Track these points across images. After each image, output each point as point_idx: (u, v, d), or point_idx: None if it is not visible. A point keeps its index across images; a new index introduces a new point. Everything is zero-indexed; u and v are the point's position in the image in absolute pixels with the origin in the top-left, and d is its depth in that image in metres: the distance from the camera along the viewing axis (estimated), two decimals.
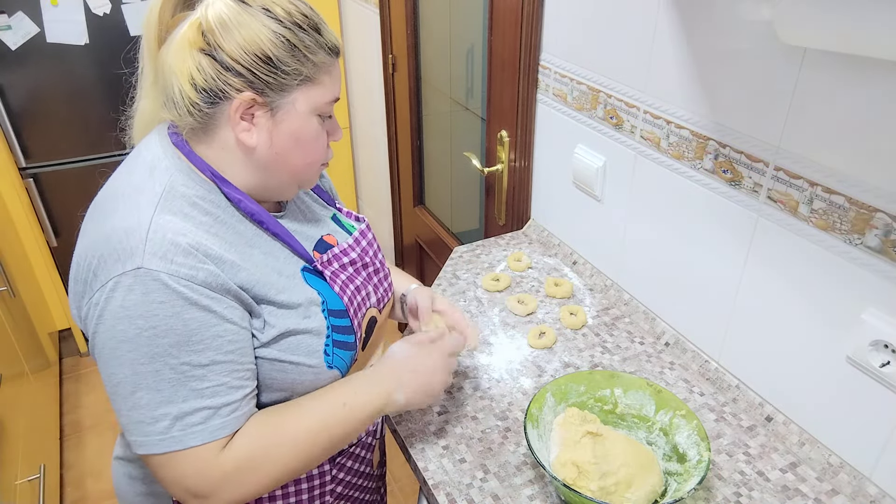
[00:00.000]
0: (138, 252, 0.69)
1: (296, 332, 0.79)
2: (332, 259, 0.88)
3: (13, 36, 2.14)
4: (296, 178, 0.83)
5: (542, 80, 1.37)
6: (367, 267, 0.93)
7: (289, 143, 0.78)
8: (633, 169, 1.18)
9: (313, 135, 0.80)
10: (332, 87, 0.80)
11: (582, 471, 0.85)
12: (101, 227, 0.73)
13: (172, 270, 0.69)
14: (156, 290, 0.68)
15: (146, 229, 0.70)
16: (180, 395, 0.71)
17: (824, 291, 0.88)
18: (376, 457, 1.06)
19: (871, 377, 0.84)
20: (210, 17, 0.72)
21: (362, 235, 0.95)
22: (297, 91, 0.76)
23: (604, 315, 1.26)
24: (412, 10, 1.98)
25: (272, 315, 0.78)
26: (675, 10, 0.99)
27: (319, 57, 0.76)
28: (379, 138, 2.51)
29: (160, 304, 0.69)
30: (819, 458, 0.92)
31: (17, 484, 1.61)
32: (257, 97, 0.74)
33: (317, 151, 0.82)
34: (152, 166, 0.77)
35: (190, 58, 0.73)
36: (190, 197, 0.75)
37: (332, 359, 0.83)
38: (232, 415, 0.74)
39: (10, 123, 2.24)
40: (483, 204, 1.80)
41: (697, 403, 1.05)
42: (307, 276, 0.83)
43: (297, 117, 0.77)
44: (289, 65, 0.74)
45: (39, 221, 2.42)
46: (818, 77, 0.81)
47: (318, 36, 0.76)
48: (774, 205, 0.92)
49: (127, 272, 0.68)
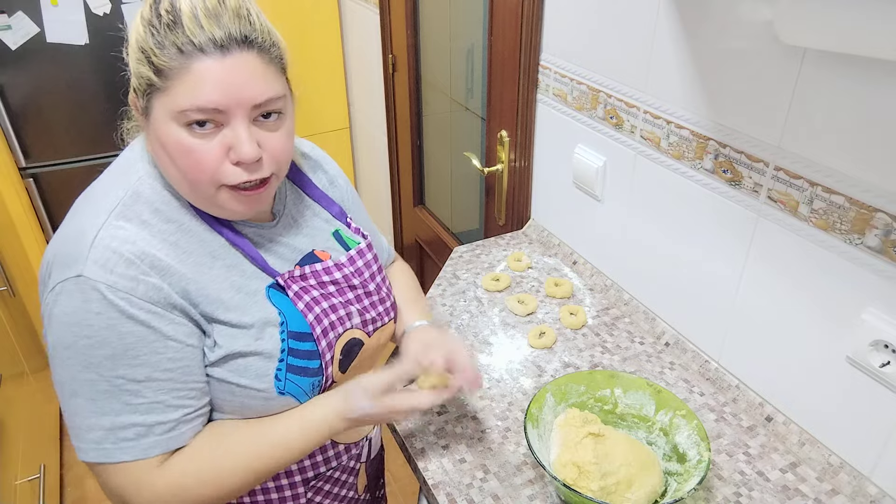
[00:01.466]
0: (81, 259, 0.68)
1: (244, 354, 0.75)
2: (309, 275, 0.82)
3: (13, 36, 2.14)
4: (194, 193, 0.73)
5: (542, 80, 1.37)
6: (356, 288, 0.88)
7: (160, 153, 0.72)
8: (633, 169, 1.18)
9: (177, 147, 0.69)
10: (187, 92, 0.66)
11: (583, 471, 0.85)
12: (64, 227, 0.74)
13: (111, 281, 0.67)
14: (93, 299, 0.67)
15: (93, 236, 0.69)
16: (114, 408, 0.70)
17: (824, 291, 0.88)
18: (362, 481, 1.01)
19: (871, 377, 0.83)
20: None
21: (359, 255, 0.90)
22: (153, 96, 0.69)
23: (604, 315, 1.26)
24: (412, 10, 1.98)
25: (220, 334, 0.75)
26: (675, 10, 0.99)
27: (162, 58, 0.66)
28: (379, 138, 2.51)
29: (96, 315, 0.67)
30: (819, 458, 0.92)
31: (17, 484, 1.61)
32: (136, 100, 0.72)
33: (192, 168, 0.69)
34: (125, 169, 0.76)
35: None
36: (154, 203, 0.73)
37: (283, 384, 0.78)
38: (166, 434, 0.72)
39: (10, 123, 2.24)
40: (483, 204, 1.80)
41: (697, 403, 1.05)
42: (272, 294, 0.79)
43: (156, 124, 0.70)
44: (136, 67, 0.69)
45: (39, 221, 2.42)
46: (818, 77, 0.81)
47: (169, 34, 0.65)
48: (774, 205, 0.92)
49: (69, 278, 0.67)
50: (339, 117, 2.81)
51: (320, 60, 2.62)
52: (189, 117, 0.67)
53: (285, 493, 0.89)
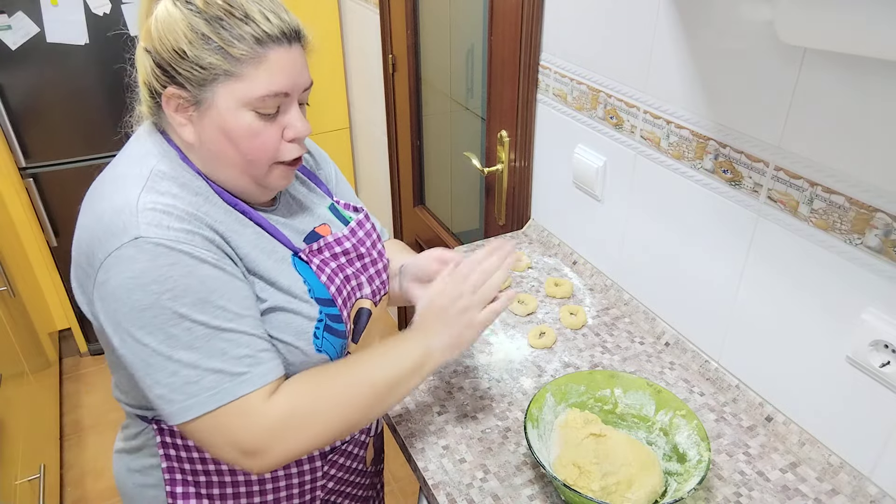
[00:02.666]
0: (132, 224, 0.69)
1: (285, 310, 0.79)
2: (323, 248, 0.87)
3: (13, 36, 2.14)
4: (245, 175, 0.79)
5: (542, 80, 1.37)
6: (363, 258, 0.92)
7: (217, 139, 0.76)
8: (633, 169, 1.18)
9: (246, 131, 0.75)
10: (264, 79, 0.73)
11: (583, 471, 0.85)
12: (92, 213, 0.74)
13: (171, 236, 0.70)
14: (161, 254, 0.69)
15: (135, 204, 0.71)
16: (219, 347, 0.71)
17: (824, 291, 0.88)
18: (370, 454, 1.06)
19: (871, 377, 0.84)
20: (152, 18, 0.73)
21: (359, 225, 0.94)
22: (219, 86, 0.73)
23: (604, 315, 1.26)
24: (412, 10, 1.98)
25: (263, 290, 0.78)
26: (675, 10, 0.99)
27: (239, 49, 0.72)
28: (379, 138, 2.51)
29: (171, 266, 0.69)
30: (819, 458, 0.92)
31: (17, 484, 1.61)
32: (181, 92, 0.73)
33: (256, 149, 0.77)
34: (139, 154, 0.78)
35: (140, 55, 0.75)
36: (177, 178, 0.76)
37: (321, 342, 0.82)
38: (273, 361, 0.75)
39: (10, 123, 2.24)
40: (483, 204, 1.80)
41: (697, 403, 1.05)
42: (296, 263, 0.83)
43: (221, 112, 0.74)
44: (203, 59, 0.71)
45: (39, 221, 2.43)
46: (818, 77, 0.81)
47: (243, 25, 0.72)
48: (774, 205, 0.92)
49: (125, 244, 0.68)
50: (339, 117, 2.82)
51: (320, 60, 2.62)
52: (264, 102, 0.74)
53: (304, 466, 0.91)
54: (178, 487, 0.88)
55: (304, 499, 0.95)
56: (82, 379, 2.63)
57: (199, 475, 0.88)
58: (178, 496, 0.88)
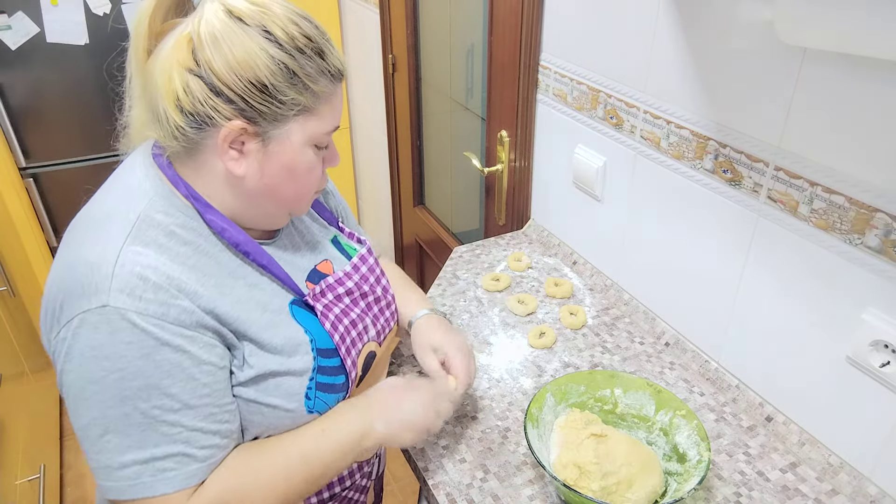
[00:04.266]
0: (103, 288, 0.64)
1: (276, 374, 0.74)
2: (326, 290, 0.82)
3: (13, 36, 2.14)
4: (286, 207, 0.77)
5: (542, 80, 1.37)
6: (366, 296, 0.88)
7: (280, 175, 0.73)
8: (633, 169, 1.18)
9: (308, 167, 0.74)
10: (332, 116, 0.73)
11: (583, 471, 0.85)
12: (69, 255, 0.68)
13: (141, 308, 0.64)
14: (123, 329, 0.63)
15: (112, 263, 0.65)
16: (151, 439, 0.66)
17: (824, 291, 0.88)
18: (370, 498, 1.03)
19: (871, 377, 0.83)
20: (202, 33, 0.65)
21: (362, 261, 0.89)
22: (292, 122, 0.70)
23: (604, 315, 1.26)
24: (412, 10, 1.98)
25: (252, 354, 0.73)
26: (675, 9, 0.99)
27: (321, 85, 0.70)
28: (379, 138, 2.51)
29: (128, 345, 0.64)
30: (819, 458, 0.92)
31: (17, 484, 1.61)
32: (248, 126, 0.68)
33: (311, 183, 0.76)
34: (131, 190, 0.72)
35: (177, 77, 0.66)
36: (167, 226, 0.70)
37: (313, 403, 0.77)
38: (208, 460, 0.70)
39: (10, 123, 2.24)
40: (483, 204, 1.80)
41: (697, 403, 1.05)
42: (295, 311, 0.78)
43: (290, 149, 0.71)
44: (286, 94, 0.68)
45: (39, 221, 2.43)
46: (818, 77, 0.81)
47: (322, 61, 0.70)
48: (774, 205, 0.92)
49: (92, 309, 0.63)
50: None
51: None
52: (327, 138, 0.74)
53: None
54: None
55: None
56: None
57: None
58: None
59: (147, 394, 0.65)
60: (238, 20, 0.66)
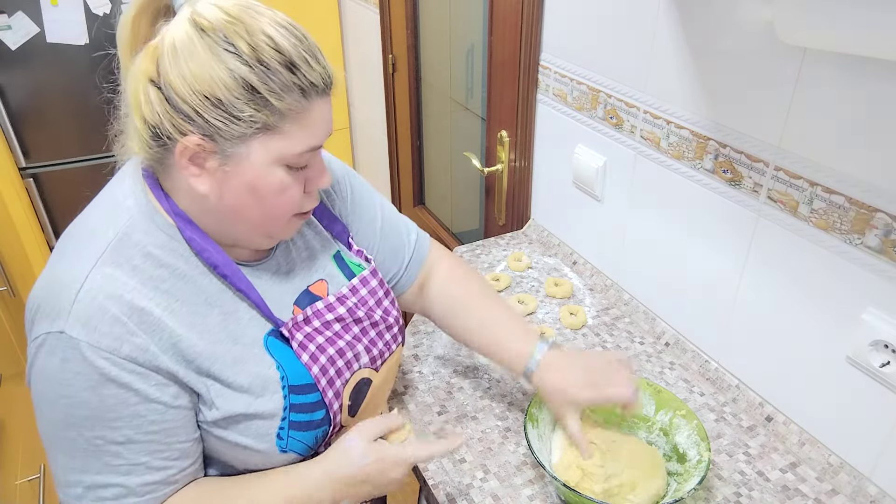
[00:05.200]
0: (64, 313, 0.63)
1: (245, 416, 0.71)
2: (312, 317, 0.77)
3: (13, 36, 2.14)
4: (258, 230, 0.72)
5: (542, 80, 1.37)
6: (360, 322, 0.82)
7: (243, 196, 0.68)
8: (633, 169, 1.18)
9: (276, 188, 0.68)
10: (304, 135, 0.67)
11: (587, 474, 0.84)
12: (50, 271, 0.68)
13: (94, 341, 0.63)
14: (73, 359, 0.63)
15: (78, 288, 0.64)
16: (93, 466, 0.67)
17: (824, 291, 0.88)
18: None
19: (871, 377, 0.83)
20: (165, 43, 0.63)
21: (362, 283, 0.84)
22: (253, 140, 0.65)
23: (604, 315, 1.26)
24: (412, 10, 1.98)
25: (218, 395, 0.70)
26: (675, 10, 0.99)
27: (286, 102, 0.64)
28: (379, 138, 2.51)
29: (76, 375, 0.64)
30: (819, 458, 0.92)
31: (17, 484, 1.61)
32: (204, 143, 0.64)
33: (283, 204, 0.70)
34: (115, 205, 0.71)
35: (141, 88, 0.64)
36: (144, 246, 0.68)
37: (285, 442, 0.74)
38: (149, 495, 0.69)
39: (10, 123, 2.24)
40: (483, 204, 1.80)
41: (697, 403, 1.05)
42: (271, 344, 0.74)
43: (251, 169, 0.66)
44: (243, 111, 0.63)
45: (39, 221, 2.43)
46: (818, 77, 0.81)
47: (290, 75, 0.64)
48: (774, 205, 0.92)
49: (52, 332, 0.64)
50: (339, 117, 2.81)
51: None
52: (301, 158, 0.68)
53: None
54: None
55: None
56: None
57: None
58: None
59: (91, 423, 0.65)
60: (200, 31, 0.62)
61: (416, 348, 1.17)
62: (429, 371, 1.12)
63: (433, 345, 1.18)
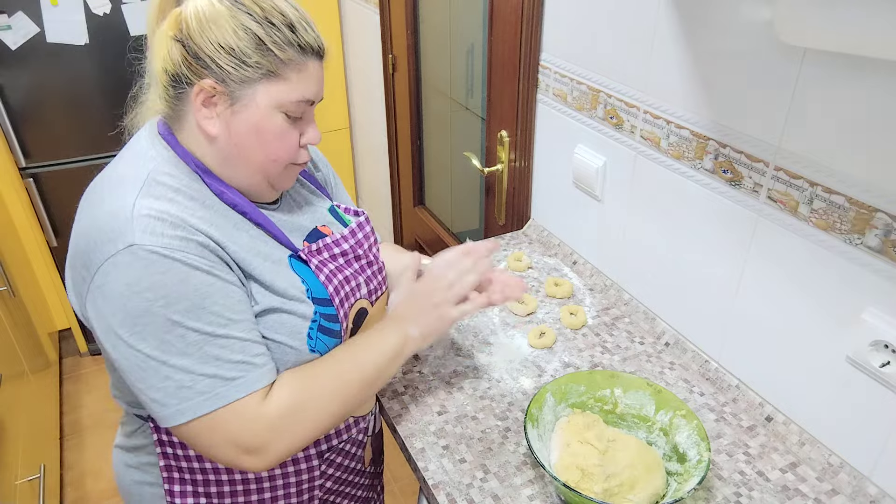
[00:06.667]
0: (127, 230, 0.70)
1: (280, 310, 0.80)
2: (323, 248, 0.88)
3: (13, 36, 2.14)
4: (261, 173, 0.82)
5: (542, 80, 1.37)
6: (360, 259, 0.94)
7: (248, 136, 0.78)
8: (633, 169, 1.18)
9: (276, 131, 0.79)
10: (302, 85, 0.78)
11: (586, 474, 0.85)
12: (89, 216, 0.74)
13: (165, 243, 0.70)
14: (155, 262, 0.69)
15: (130, 209, 0.71)
16: (212, 353, 0.72)
17: (824, 291, 0.88)
18: (368, 454, 1.06)
19: (871, 377, 0.84)
20: (189, 9, 0.75)
21: (359, 227, 0.96)
22: (258, 84, 0.76)
23: (604, 315, 1.26)
24: (412, 10, 1.98)
25: (258, 292, 0.79)
26: (675, 10, 0.99)
27: (287, 53, 0.76)
28: (379, 138, 2.51)
29: (164, 274, 0.70)
30: (819, 458, 0.92)
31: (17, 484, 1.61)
32: (217, 86, 0.75)
33: (281, 149, 0.80)
34: (138, 156, 0.79)
35: (165, 43, 0.75)
36: (172, 185, 0.76)
37: (314, 342, 0.83)
38: (268, 365, 0.77)
39: (10, 123, 2.24)
40: (483, 204, 1.80)
41: (697, 403, 1.05)
42: (294, 264, 0.84)
43: (256, 110, 0.77)
44: (251, 57, 0.74)
45: (39, 221, 2.43)
46: (818, 77, 0.81)
47: (290, 33, 0.76)
48: (774, 205, 0.92)
49: (121, 251, 0.69)
50: (339, 117, 2.82)
51: None
52: (297, 107, 0.79)
53: (301, 465, 0.92)
54: (175, 486, 0.88)
55: (302, 498, 0.95)
56: (82, 379, 2.63)
57: (197, 473, 0.88)
58: (177, 494, 0.89)
59: (195, 314, 0.71)
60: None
61: None
62: (429, 371, 1.12)
63: (433, 345, 1.18)
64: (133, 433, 0.91)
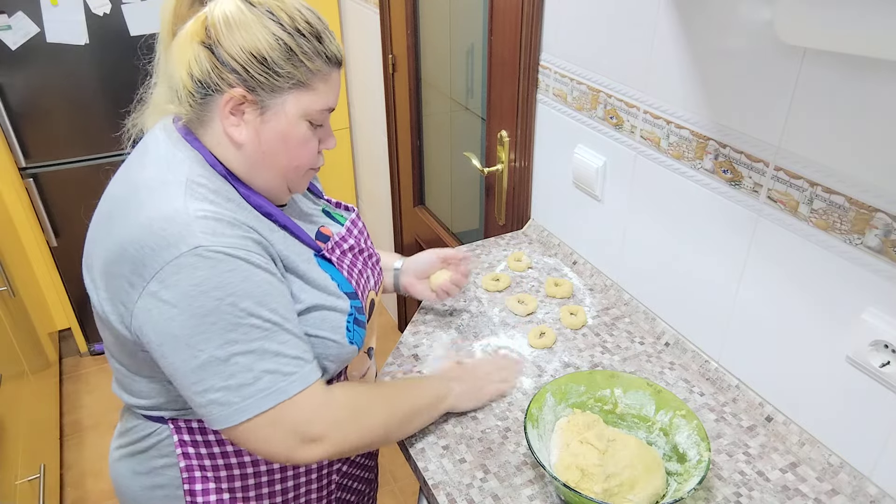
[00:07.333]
0: (188, 233, 0.71)
1: (322, 307, 0.83)
2: (335, 246, 0.92)
3: (13, 36, 2.14)
4: (283, 178, 0.83)
5: (542, 80, 1.37)
6: (363, 252, 0.98)
7: (276, 143, 0.79)
8: (633, 169, 1.18)
9: (301, 139, 0.80)
10: (327, 95, 0.80)
11: (586, 474, 0.84)
12: (133, 220, 0.73)
13: (227, 243, 0.72)
14: (220, 261, 0.71)
15: (185, 213, 0.72)
16: (272, 348, 0.74)
17: (824, 291, 0.88)
18: None
19: (871, 377, 0.84)
20: (216, 13, 0.74)
21: (353, 224, 0.99)
22: (288, 94, 0.77)
23: (604, 315, 1.26)
24: (412, 10, 1.98)
25: (301, 290, 0.82)
26: (675, 10, 0.99)
27: (316, 64, 0.77)
28: (379, 138, 2.51)
29: (230, 273, 0.71)
30: (819, 458, 0.92)
31: (17, 484, 1.61)
32: (248, 94, 0.76)
33: (304, 155, 0.82)
34: (167, 160, 0.79)
35: (191, 49, 0.75)
36: (210, 187, 0.77)
37: (352, 334, 0.87)
38: (314, 361, 0.80)
39: (10, 123, 2.24)
40: (483, 204, 1.80)
41: (697, 403, 1.05)
42: (320, 262, 0.87)
43: (285, 119, 0.78)
44: (283, 67, 0.75)
45: (39, 221, 2.42)
46: (818, 77, 0.81)
47: (318, 44, 0.77)
48: (774, 205, 0.92)
49: (184, 253, 0.70)
50: (339, 117, 2.82)
51: None
52: (321, 115, 0.81)
53: None
54: (196, 485, 0.89)
55: (322, 482, 1.00)
56: (82, 379, 2.63)
57: (220, 470, 0.89)
58: (198, 493, 0.89)
59: (258, 309, 0.74)
60: (249, 4, 0.75)
61: (416, 348, 1.17)
62: (429, 371, 1.12)
63: (433, 345, 1.18)
64: (143, 438, 0.90)
